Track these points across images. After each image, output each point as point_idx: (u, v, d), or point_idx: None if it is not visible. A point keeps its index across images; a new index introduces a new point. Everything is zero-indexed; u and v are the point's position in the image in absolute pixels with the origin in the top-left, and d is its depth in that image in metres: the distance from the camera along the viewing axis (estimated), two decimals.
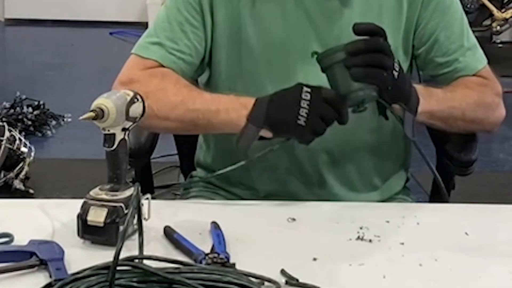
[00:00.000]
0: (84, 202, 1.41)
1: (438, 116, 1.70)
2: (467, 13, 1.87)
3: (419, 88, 1.65)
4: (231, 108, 1.60)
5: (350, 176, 1.78)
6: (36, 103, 4.38)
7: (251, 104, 1.59)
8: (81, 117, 1.37)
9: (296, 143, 1.62)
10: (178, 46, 1.71)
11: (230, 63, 1.73)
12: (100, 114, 1.36)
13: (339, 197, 1.75)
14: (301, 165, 1.74)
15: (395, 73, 1.54)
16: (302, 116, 1.53)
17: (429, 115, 1.68)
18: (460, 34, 1.79)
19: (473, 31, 1.88)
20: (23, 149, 3.59)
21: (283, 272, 1.31)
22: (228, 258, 1.34)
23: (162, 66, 1.70)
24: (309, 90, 1.55)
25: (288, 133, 1.57)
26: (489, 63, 1.84)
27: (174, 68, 1.70)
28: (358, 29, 1.53)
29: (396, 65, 1.55)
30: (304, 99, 1.54)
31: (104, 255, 1.27)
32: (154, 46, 1.71)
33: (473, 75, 1.79)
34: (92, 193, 1.42)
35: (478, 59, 1.82)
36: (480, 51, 1.83)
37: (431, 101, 1.66)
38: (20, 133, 3.77)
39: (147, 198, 1.43)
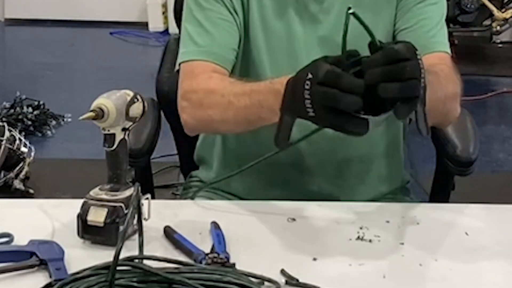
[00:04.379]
0: (84, 202, 1.41)
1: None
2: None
3: None
4: (272, 99, 1.47)
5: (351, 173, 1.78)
6: (36, 103, 4.38)
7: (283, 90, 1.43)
8: (81, 117, 1.37)
9: None
10: (213, 37, 1.70)
11: (242, 52, 1.74)
12: (100, 114, 1.36)
13: (339, 193, 1.76)
14: (302, 158, 1.74)
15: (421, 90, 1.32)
16: (309, 108, 1.34)
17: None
18: (437, 24, 1.74)
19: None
20: (23, 149, 3.59)
21: (283, 272, 1.31)
22: (228, 258, 1.34)
23: (209, 63, 1.68)
24: (310, 76, 1.33)
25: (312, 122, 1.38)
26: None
27: (215, 61, 1.68)
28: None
29: (423, 80, 1.32)
30: (306, 89, 1.34)
31: (104, 255, 1.27)
32: (192, 47, 1.71)
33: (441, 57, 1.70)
34: (92, 193, 1.42)
35: (447, 46, 1.75)
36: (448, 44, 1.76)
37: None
38: (20, 133, 3.77)
39: (147, 198, 1.43)
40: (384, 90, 1.28)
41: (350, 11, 1.32)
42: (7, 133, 3.53)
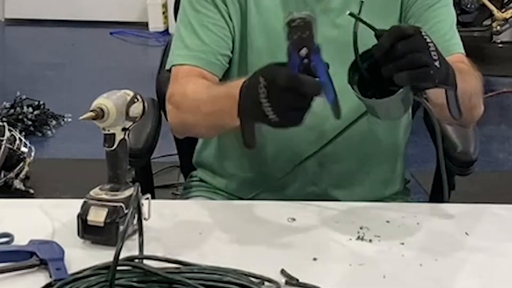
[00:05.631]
0: (84, 202, 1.41)
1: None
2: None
3: None
4: (230, 105, 1.43)
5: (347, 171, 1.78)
6: (36, 103, 4.38)
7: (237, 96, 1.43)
8: (81, 117, 1.37)
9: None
10: (203, 42, 1.71)
11: (239, 56, 1.75)
12: (100, 114, 1.36)
13: (339, 195, 1.76)
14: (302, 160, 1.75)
15: (437, 63, 1.36)
16: (270, 114, 1.32)
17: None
18: (451, 26, 1.76)
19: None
20: (23, 149, 3.60)
21: (283, 272, 1.31)
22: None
23: (196, 68, 1.70)
24: (265, 83, 1.33)
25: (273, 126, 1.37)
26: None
27: (203, 66, 1.70)
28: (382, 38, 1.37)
29: (433, 53, 1.37)
30: (262, 93, 1.33)
31: (104, 255, 1.27)
32: (183, 51, 1.73)
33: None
34: (92, 193, 1.42)
35: (462, 46, 1.76)
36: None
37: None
38: (20, 133, 3.77)
39: (147, 198, 1.43)
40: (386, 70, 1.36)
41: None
42: (7, 133, 3.53)
